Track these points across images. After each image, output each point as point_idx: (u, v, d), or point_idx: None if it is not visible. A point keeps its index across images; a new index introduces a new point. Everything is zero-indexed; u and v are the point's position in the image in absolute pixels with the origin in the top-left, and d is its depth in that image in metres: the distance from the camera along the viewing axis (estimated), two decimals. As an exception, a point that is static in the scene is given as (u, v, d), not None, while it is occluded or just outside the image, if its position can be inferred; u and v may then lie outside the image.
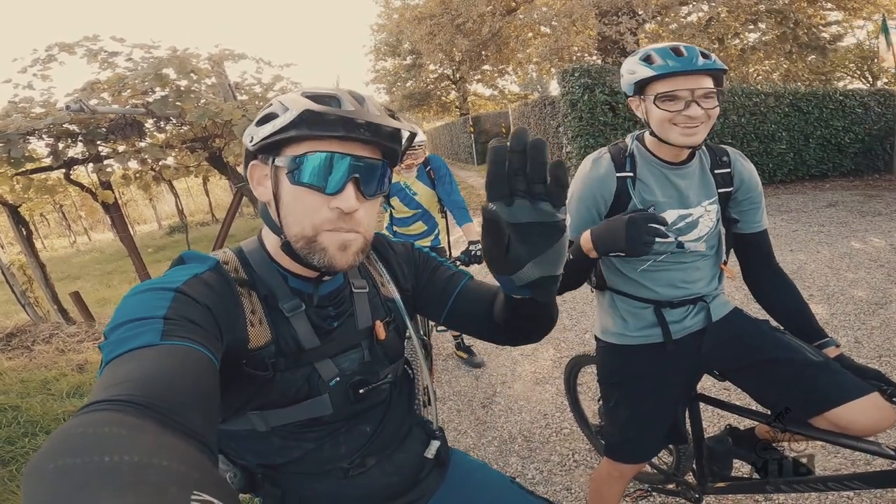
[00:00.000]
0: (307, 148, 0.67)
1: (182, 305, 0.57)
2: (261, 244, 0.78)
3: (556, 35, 12.00)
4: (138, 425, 0.37)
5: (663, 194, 1.23)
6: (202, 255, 0.73)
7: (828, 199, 6.87)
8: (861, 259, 4.27)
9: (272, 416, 0.73)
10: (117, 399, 0.40)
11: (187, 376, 0.47)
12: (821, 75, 14.64)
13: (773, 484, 1.30)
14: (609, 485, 1.49)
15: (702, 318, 1.33)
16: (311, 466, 0.79)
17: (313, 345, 0.75)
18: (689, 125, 1.12)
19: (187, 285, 0.61)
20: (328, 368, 0.76)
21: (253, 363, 0.69)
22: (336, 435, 0.80)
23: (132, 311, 0.54)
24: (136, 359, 0.48)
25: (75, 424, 0.36)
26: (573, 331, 3.51)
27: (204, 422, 0.44)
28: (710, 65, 1.10)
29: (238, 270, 0.74)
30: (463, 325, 0.88)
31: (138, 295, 0.58)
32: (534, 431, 2.41)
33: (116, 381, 0.43)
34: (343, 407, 0.78)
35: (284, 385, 0.73)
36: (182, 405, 0.43)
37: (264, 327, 0.72)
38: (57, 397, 3.00)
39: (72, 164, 3.50)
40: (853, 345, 2.85)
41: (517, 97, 23.59)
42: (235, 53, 3.47)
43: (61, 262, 11.47)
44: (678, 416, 1.42)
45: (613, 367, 1.41)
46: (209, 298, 0.62)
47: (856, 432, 1.11)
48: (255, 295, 0.73)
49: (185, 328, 0.54)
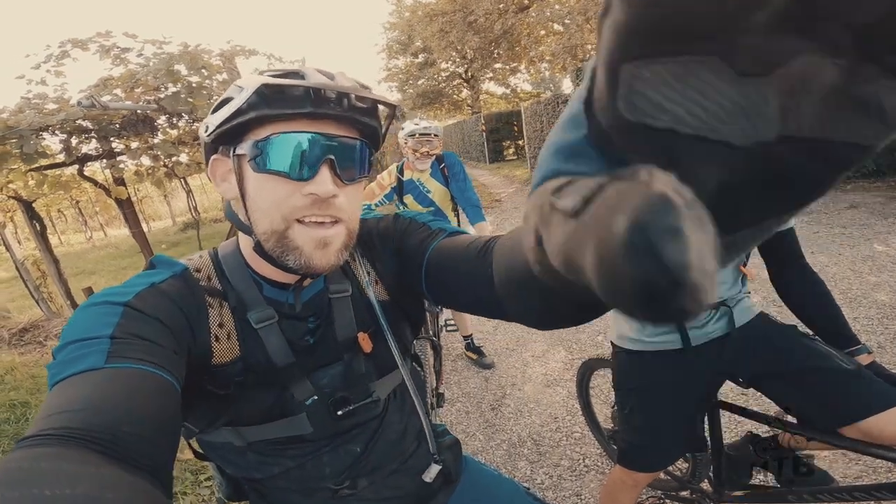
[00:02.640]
0: (271, 130, 0.58)
1: (131, 322, 0.52)
2: (237, 247, 0.70)
3: (569, 33, 11.90)
4: (80, 458, 0.36)
5: None
6: (172, 260, 0.67)
7: (849, 201, 6.70)
8: (884, 262, 4.15)
9: (247, 433, 0.67)
10: (55, 433, 0.38)
11: (132, 402, 0.44)
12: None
13: (796, 493, 1.26)
14: (622, 492, 1.45)
15: (724, 323, 1.27)
16: (294, 484, 0.72)
17: (287, 361, 0.66)
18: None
19: (138, 298, 0.56)
20: (303, 388, 0.67)
21: (214, 381, 0.63)
22: (319, 455, 0.71)
23: (79, 330, 0.50)
24: (79, 384, 0.45)
25: (14, 458, 0.35)
26: (586, 332, 3.45)
27: (151, 449, 0.41)
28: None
29: (210, 278, 0.66)
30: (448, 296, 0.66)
31: (87, 309, 0.54)
32: (544, 435, 2.36)
33: (57, 410, 0.41)
34: (324, 426, 0.69)
35: (252, 404, 0.66)
36: (127, 435, 0.40)
37: (232, 342, 0.64)
38: None
39: (85, 161, 3.52)
40: (876, 350, 2.76)
41: (529, 96, 23.47)
42: (247, 49, 3.47)
43: (77, 257, 11.65)
44: (697, 424, 1.38)
45: (630, 374, 1.37)
46: (161, 311, 0.56)
47: (887, 441, 1.06)
48: (227, 305, 0.65)
49: (134, 347, 0.49)
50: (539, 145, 10.65)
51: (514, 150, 18.47)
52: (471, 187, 2.64)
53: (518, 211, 8.49)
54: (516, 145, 18.29)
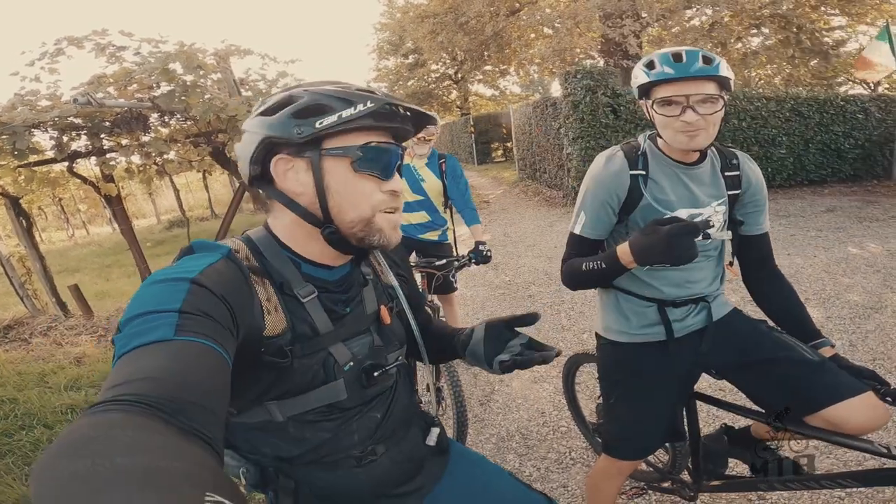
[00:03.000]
0: (362, 139, 0.72)
1: (198, 297, 0.56)
2: (269, 232, 0.78)
3: (558, 36, 12.01)
4: (148, 426, 0.37)
5: (674, 193, 1.24)
6: (213, 243, 0.71)
7: (826, 205, 6.91)
8: (857, 264, 4.31)
9: (289, 405, 0.74)
10: (127, 399, 0.40)
11: (198, 375, 0.47)
12: (823, 80, 14.69)
13: (767, 482, 1.32)
14: (606, 481, 1.51)
15: (703, 317, 1.35)
16: (325, 455, 0.80)
17: (327, 329, 0.76)
18: (687, 130, 1.13)
19: (203, 275, 0.60)
20: (343, 352, 0.78)
21: (271, 351, 0.70)
22: (350, 422, 0.81)
23: (147, 303, 0.53)
24: (148, 354, 0.47)
25: (84, 425, 0.35)
26: (571, 331, 3.53)
27: (212, 422, 0.44)
28: (706, 70, 1.10)
29: (249, 258, 0.74)
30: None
31: (154, 285, 0.57)
32: (531, 429, 2.43)
33: (127, 379, 0.43)
34: (356, 392, 0.79)
35: (302, 371, 0.73)
36: (191, 405, 0.42)
37: (280, 315, 0.72)
38: (54, 390, 2.97)
39: (75, 157, 3.51)
40: (848, 348, 2.89)
41: (518, 98, 23.62)
42: (241, 49, 3.48)
43: (59, 255, 11.45)
44: (676, 414, 1.44)
45: (615, 365, 1.43)
46: (224, 288, 0.61)
47: (850, 431, 1.12)
48: (269, 282, 0.73)
49: (200, 323, 0.53)
50: (527, 147, 10.75)
51: (503, 152, 18.56)
52: (469, 192, 2.75)
53: (505, 212, 8.58)
54: (504, 147, 18.39)
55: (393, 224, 0.77)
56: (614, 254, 1.14)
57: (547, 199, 9.03)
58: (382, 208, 0.75)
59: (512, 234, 6.87)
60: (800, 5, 11.57)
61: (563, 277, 1.33)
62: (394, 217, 0.77)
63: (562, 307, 3.97)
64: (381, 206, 0.75)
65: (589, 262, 1.21)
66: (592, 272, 1.21)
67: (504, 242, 6.39)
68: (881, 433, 2.01)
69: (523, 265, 5.28)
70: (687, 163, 1.25)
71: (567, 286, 1.33)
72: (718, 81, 1.13)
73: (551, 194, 9.11)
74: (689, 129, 1.13)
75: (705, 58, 1.12)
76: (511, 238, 6.61)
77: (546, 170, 9.55)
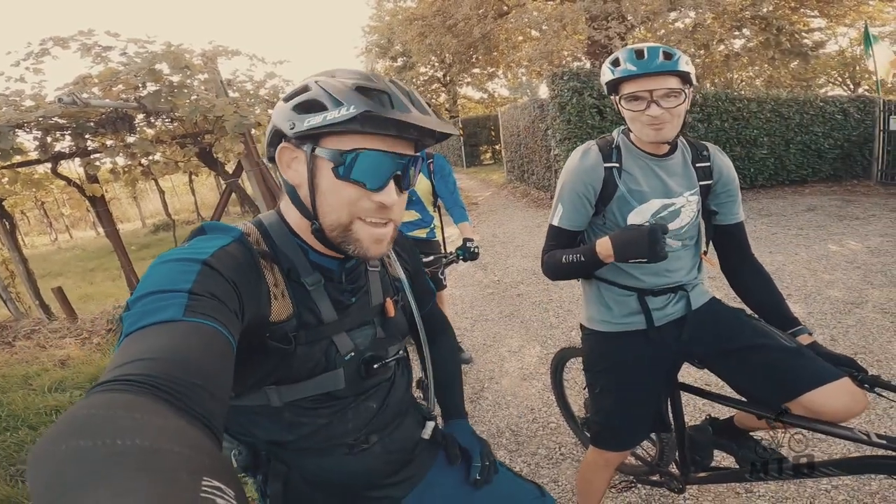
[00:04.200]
0: (354, 143, 0.67)
1: (208, 279, 0.56)
2: (281, 218, 0.77)
3: (545, 39, 12.10)
4: (150, 408, 0.37)
5: (647, 184, 1.29)
6: (225, 225, 0.71)
7: (807, 204, 7.04)
8: (838, 261, 4.40)
9: (287, 391, 0.75)
10: (132, 379, 0.40)
11: (205, 357, 0.47)
12: (803, 81, 14.99)
13: (753, 473, 1.34)
14: (596, 473, 1.54)
15: (682, 305, 1.38)
16: (319, 442, 0.80)
17: (332, 319, 0.77)
18: (653, 123, 1.19)
19: (215, 257, 0.60)
20: (345, 342, 0.78)
21: (275, 336, 0.70)
22: (345, 411, 0.82)
23: (157, 282, 0.53)
24: (157, 334, 0.47)
25: (86, 405, 0.35)
26: (559, 328, 3.56)
27: (214, 405, 0.44)
28: (667, 66, 1.15)
29: (260, 243, 0.74)
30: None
31: (165, 264, 0.57)
32: (521, 426, 2.45)
33: (133, 358, 0.43)
34: (354, 382, 0.80)
35: (303, 359, 0.74)
36: (196, 387, 0.43)
37: (286, 301, 0.72)
38: (39, 392, 2.96)
39: (59, 158, 3.46)
40: (829, 342, 2.95)
41: (507, 101, 23.73)
42: (229, 50, 3.47)
43: (42, 259, 11.25)
44: (661, 404, 1.47)
45: (598, 354, 1.45)
46: (234, 272, 0.61)
47: (829, 417, 1.15)
48: (277, 268, 0.73)
49: (209, 305, 0.53)
50: (515, 150, 10.80)
51: (491, 155, 18.64)
52: (457, 190, 2.76)
53: (494, 213, 8.62)
54: (493, 150, 18.47)
55: (375, 237, 0.71)
56: (593, 247, 1.19)
57: (535, 201, 9.08)
58: (365, 218, 0.70)
59: (500, 234, 6.91)
60: (779, 7, 11.81)
61: (544, 268, 1.37)
62: (379, 231, 0.71)
63: (550, 305, 4.00)
64: (364, 216, 0.70)
65: (569, 255, 1.26)
66: (572, 264, 1.25)
67: (493, 243, 6.42)
68: (860, 421, 2.06)
69: (512, 265, 5.31)
70: (658, 154, 1.30)
71: (548, 277, 1.37)
72: (680, 76, 1.18)
73: (539, 195, 9.17)
74: (654, 123, 1.18)
75: (666, 53, 1.17)
76: (500, 238, 6.64)
77: (534, 171, 9.62)
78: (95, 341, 3.90)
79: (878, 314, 3.25)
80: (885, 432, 1.23)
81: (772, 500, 1.79)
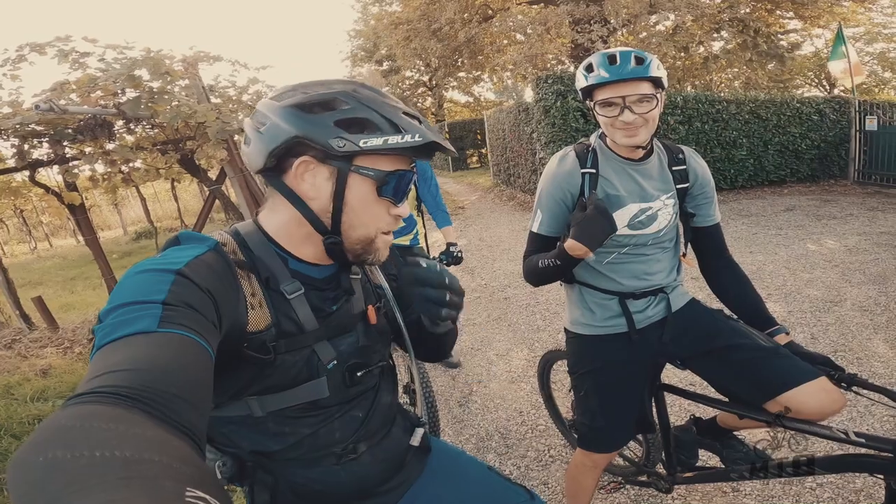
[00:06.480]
0: (390, 163, 0.72)
1: (182, 289, 0.55)
2: (258, 227, 0.76)
3: (530, 42, 12.20)
4: (129, 419, 0.36)
5: (624, 188, 1.30)
6: (200, 235, 0.70)
7: (786, 204, 7.18)
8: (816, 260, 4.49)
9: (269, 401, 0.74)
10: (107, 391, 0.39)
11: (181, 368, 0.46)
12: (779, 83, 15.30)
13: (737, 471, 1.35)
14: (584, 474, 1.55)
15: (662, 308, 1.40)
16: (305, 452, 0.79)
17: (313, 327, 0.75)
18: (626, 129, 1.21)
19: (189, 267, 0.59)
20: (327, 351, 0.77)
21: (253, 346, 0.69)
22: (331, 420, 0.80)
23: (130, 294, 0.52)
24: (131, 345, 0.46)
25: (64, 416, 0.34)
26: (546, 331, 3.58)
27: (194, 416, 0.43)
28: (638, 72, 1.16)
29: (236, 252, 0.72)
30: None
31: (138, 275, 0.56)
32: (510, 429, 2.46)
33: (108, 370, 0.42)
34: (339, 390, 0.79)
35: (284, 368, 0.73)
36: (174, 398, 0.42)
37: (264, 310, 0.71)
38: (21, 401, 2.93)
39: (37, 166, 3.39)
40: (809, 341, 3.01)
41: (492, 104, 23.87)
42: (211, 55, 3.43)
43: (21, 268, 11.01)
44: (645, 405, 1.48)
45: (582, 357, 1.47)
46: (210, 281, 0.60)
47: (807, 416, 1.17)
48: (255, 277, 0.72)
49: (184, 315, 0.52)
50: (501, 153, 10.86)
51: (478, 159, 18.70)
52: (440, 195, 2.75)
53: (480, 217, 8.64)
54: (479, 153, 18.53)
55: (387, 244, 0.79)
56: (563, 249, 1.20)
57: (521, 204, 9.13)
58: (385, 230, 0.76)
59: (487, 238, 6.93)
60: (756, 9, 12.06)
61: (524, 273, 1.38)
62: (389, 238, 0.79)
63: (537, 308, 4.03)
64: (385, 229, 0.76)
65: (544, 259, 1.27)
66: (548, 268, 1.27)
67: (479, 247, 6.44)
68: (842, 419, 2.10)
69: (499, 268, 5.33)
70: (634, 159, 1.32)
71: (528, 282, 1.39)
72: (651, 81, 1.19)
73: (526, 199, 9.22)
74: (628, 128, 1.20)
75: (637, 58, 1.18)
76: (486, 242, 6.66)
77: (520, 175, 9.67)
78: (77, 350, 3.83)
79: (856, 312, 3.32)
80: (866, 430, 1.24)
81: (758, 498, 1.82)
